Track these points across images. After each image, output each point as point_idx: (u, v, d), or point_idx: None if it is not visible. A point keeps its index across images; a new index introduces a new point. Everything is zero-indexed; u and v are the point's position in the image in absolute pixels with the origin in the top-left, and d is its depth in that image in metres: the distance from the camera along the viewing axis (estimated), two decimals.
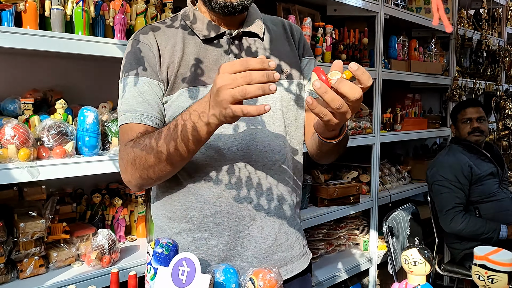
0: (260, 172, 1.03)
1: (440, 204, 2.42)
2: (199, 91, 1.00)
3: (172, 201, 1.06)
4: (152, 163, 0.90)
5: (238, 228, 1.03)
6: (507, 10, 4.07)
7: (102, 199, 1.67)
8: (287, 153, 1.08)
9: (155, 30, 1.04)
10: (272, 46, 1.09)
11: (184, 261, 0.79)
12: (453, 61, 3.37)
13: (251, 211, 1.03)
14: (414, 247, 0.90)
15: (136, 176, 0.95)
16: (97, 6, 1.46)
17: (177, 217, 1.05)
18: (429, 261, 0.88)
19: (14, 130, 1.23)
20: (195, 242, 1.04)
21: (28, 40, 1.24)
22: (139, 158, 0.91)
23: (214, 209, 1.02)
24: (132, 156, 0.92)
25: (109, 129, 1.48)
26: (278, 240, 1.07)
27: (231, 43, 1.04)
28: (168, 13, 1.67)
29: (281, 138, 1.06)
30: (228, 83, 0.75)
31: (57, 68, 1.71)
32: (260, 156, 1.03)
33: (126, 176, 0.98)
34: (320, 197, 2.34)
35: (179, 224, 1.06)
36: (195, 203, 1.03)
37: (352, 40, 2.46)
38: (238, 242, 1.03)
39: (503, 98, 3.68)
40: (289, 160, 1.08)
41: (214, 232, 1.03)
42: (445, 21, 0.39)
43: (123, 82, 1.01)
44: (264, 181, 1.04)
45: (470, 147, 2.54)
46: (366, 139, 2.52)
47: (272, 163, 1.04)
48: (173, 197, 1.05)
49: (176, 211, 1.05)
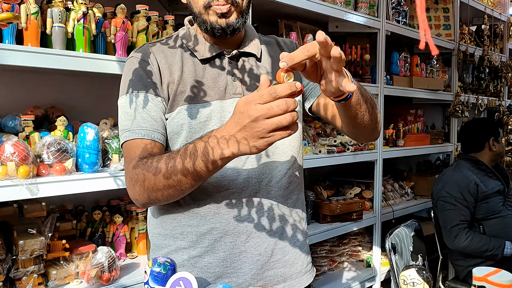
0: (258, 188, 1.03)
1: (445, 221, 2.39)
2: (198, 109, 1.00)
3: (168, 218, 1.05)
4: (161, 186, 0.89)
5: (235, 245, 1.02)
6: (508, 26, 4.09)
7: (102, 216, 1.66)
8: (287, 169, 1.08)
9: (154, 48, 1.06)
10: (268, 65, 1.11)
11: (181, 281, 0.79)
12: (455, 77, 3.37)
13: (247, 228, 1.02)
14: (412, 267, 0.88)
15: (144, 196, 0.94)
16: (99, 24, 1.47)
17: (173, 235, 1.05)
18: (427, 282, 0.86)
19: (14, 147, 1.23)
20: (190, 259, 1.03)
21: (29, 58, 1.25)
22: (149, 180, 0.90)
23: (210, 226, 1.01)
24: (141, 177, 0.91)
25: (109, 145, 1.48)
26: (274, 256, 1.05)
27: (229, 62, 1.06)
28: (170, 30, 1.68)
29: (281, 154, 1.06)
30: (264, 113, 0.74)
31: (58, 85, 1.72)
32: (259, 173, 1.03)
33: (134, 195, 0.97)
34: (322, 213, 2.32)
35: (175, 241, 1.05)
36: (191, 219, 1.02)
37: (354, 56, 2.47)
38: (235, 259, 1.02)
39: (506, 113, 3.67)
40: (288, 175, 1.08)
41: (210, 249, 1.02)
42: (431, 45, 0.39)
43: (126, 100, 1.01)
44: (261, 197, 1.03)
45: (478, 163, 2.51)
46: (369, 155, 2.51)
47: (271, 179, 1.04)
48: (169, 214, 1.05)
49: (172, 228, 1.05)
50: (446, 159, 3.75)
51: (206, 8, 0.99)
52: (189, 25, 1.11)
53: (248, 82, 1.06)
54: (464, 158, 2.58)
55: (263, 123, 0.75)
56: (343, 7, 2.32)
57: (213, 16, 0.99)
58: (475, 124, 2.65)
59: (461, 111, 3.27)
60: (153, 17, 1.60)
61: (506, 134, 3.54)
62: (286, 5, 1.98)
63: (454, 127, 3.37)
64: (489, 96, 3.71)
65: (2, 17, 0.64)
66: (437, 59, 3.20)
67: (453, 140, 3.37)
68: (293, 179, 1.10)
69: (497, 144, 2.53)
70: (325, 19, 2.34)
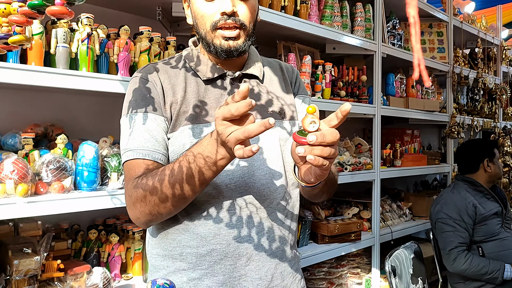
0: (258, 210, 1.02)
1: (444, 243, 2.38)
2: (201, 129, 1.01)
3: (168, 238, 1.04)
4: (164, 198, 0.90)
5: (235, 268, 1.00)
6: (501, 49, 4.18)
7: (98, 235, 1.64)
8: (285, 191, 1.08)
9: (158, 69, 1.07)
10: (269, 87, 1.12)
11: None
12: (450, 99, 3.41)
13: (248, 250, 1.01)
14: None
15: (145, 212, 0.93)
16: (102, 44, 1.49)
17: (172, 255, 1.03)
18: None
19: (13, 165, 1.22)
20: (190, 282, 1.01)
21: (33, 77, 1.26)
22: (151, 194, 0.90)
23: (211, 247, 1.00)
24: (141, 193, 0.92)
25: (108, 164, 1.48)
26: (274, 281, 1.04)
27: (231, 83, 1.07)
28: (171, 50, 1.70)
29: (280, 176, 1.06)
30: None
31: (59, 103, 1.73)
32: (258, 194, 1.02)
33: (135, 213, 0.96)
34: (320, 233, 2.31)
35: (174, 262, 1.03)
36: (191, 240, 1.01)
37: (351, 77, 2.50)
38: (234, 283, 1.01)
39: (501, 135, 3.71)
40: (287, 198, 1.08)
41: (209, 271, 1.00)
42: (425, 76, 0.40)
43: (129, 119, 1.01)
44: (262, 219, 1.03)
45: (475, 185, 2.51)
46: (367, 175, 2.51)
47: (270, 201, 1.04)
48: (168, 234, 1.04)
49: (172, 249, 1.03)
50: (443, 180, 3.76)
51: (213, 30, 1.00)
52: (193, 46, 1.13)
53: None
54: (462, 179, 2.58)
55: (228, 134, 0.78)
56: (340, 29, 2.36)
57: (220, 38, 1.00)
58: (469, 145, 2.67)
59: (457, 132, 3.30)
60: (155, 38, 1.62)
61: (502, 156, 3.57)
62: (285, 27, 2.02)
63: (451, 148, 3.40)
64: (484, 118, 3.75)
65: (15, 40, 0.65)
66: (432, 81, 3.25)
67: (449, 161, 3.39)
68: (291, 201, 1.10)
69: (492, 165, 2.53)
70: (322, 41, 2.38)
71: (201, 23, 1.02)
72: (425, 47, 3.35)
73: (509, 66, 4.40)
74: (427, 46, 3.35)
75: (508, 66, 4.37)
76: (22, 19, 0.66)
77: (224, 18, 0.99)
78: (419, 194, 3.38)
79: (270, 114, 1.08)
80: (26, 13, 0.65)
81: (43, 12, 0.64)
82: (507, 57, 4.35)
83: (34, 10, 0.64)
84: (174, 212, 0.96)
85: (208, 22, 1.01)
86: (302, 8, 2.15)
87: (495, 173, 2.54)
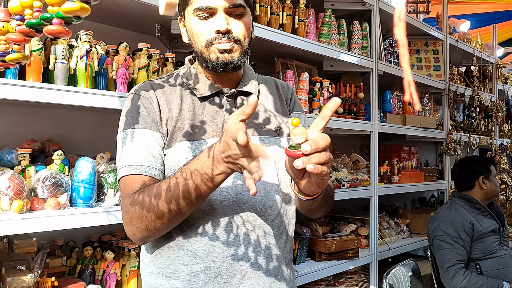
0: (253, 227, 1.02)
1: (441, 260, 2.36)
2: (196, 146, 1.01)
3: (162, 256, 1.03)
4: (160, 213, 0.90)
5: (229, 286, 0.99)
6: (497, 68, 4.22)
7: (93, 252, 1.62)
8: (281, 208, 1.07)
9: (154, 86, 1.08)
10: (265, 104, 1.13)
11: None
12: (446, 116, 3.44)
13: (242, 268, 1.00)
14: None
15: (142, 228, 0.93)
16: (101, 60, 1.50)
17: (166, 273, 1.02)
18: None
19: (9, 181, 1.22)
20: None
21: (31, 93, 1.26)
22: (147, 209, 0.90)
23: (204, 265, 0.99)
24: (138, 210, 0.91)
25: (105, 180, 1.47)
26: None
27: (227, 100, 1.08)
28: (170, 67, 1.72)
29: (275, 193, 1.06)
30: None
31: (57, 118, 1.73)
32: (253, 211, 1.02)
33: (131, 229, 0.96)
34: (318, 250, 2.29)
35: (167, 281, 1.02)
36: (185, 258, 1.00)
37: (349, 94, 2.52)
38: None
39: (498, 152, 3.72)
40: (282, 215, 1.08)
41: None
42: (415, 98, 0.41)
43: (126, 135, 1.02)
44: (257, 236, 1.02)
45: (472, 202, 2.51)
46: (364, 192, 2.51)
47: (265, 218, 1.04)
48: (162, 252, 1.03)
49: (166, 266, 1.02)
50: (440, 197, 3.76)
51: (208, 47, 1.02)
52: (189, 64, 1.14)
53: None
54: (458, 196, 2.58)
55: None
56: (337, 47, 2.39)
57: (215, 53, 1.02)
58: (465, 162, 2.67)
59: (453, 149, 3.31)
60: (154, 54, 1.64)
61: (499, 173, 3.57)
62: (283, 45, 2.04)
63: (448, 164, 3.40)
64: (481, 135, 3.77)
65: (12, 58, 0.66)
66: (429, 98, 3.28)
67: (447, 178, 3.39)
68: (286, 218, 1.09)
69: (488, 182, 2.53)
70: (320, 58, 2.40)
71: (196, 41, 1.04)
72: (422, 64, 3.39)
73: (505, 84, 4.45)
74: (423, 64, 3.39)
75: (503, 84, 4.42)
76: (20, 38, 0.66)
77: (219, 36, 1.00)
78: (416, 211, 3.37)
79: (266, 132, 1.09)
80: (24, 32, 0.66)
81: (41, 31, 0.64)
82: (503, 75, 4.40)
83: (32, 29, 0.65)
84: (171, 226, 0.96)
85: (203, 39, 1.02)
86: (300, 26, 2.18)
87: (491, 190, 2.54)
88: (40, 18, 0.63)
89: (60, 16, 0.59)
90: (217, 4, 1.00)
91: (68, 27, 0.61)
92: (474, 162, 2.63)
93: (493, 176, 2.56)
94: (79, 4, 0.55)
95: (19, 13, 0.68)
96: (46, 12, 0.63)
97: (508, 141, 4.14)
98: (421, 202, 3.78)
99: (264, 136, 1.08)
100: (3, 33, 0.70)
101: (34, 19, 0.64)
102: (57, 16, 0.60)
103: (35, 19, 0.64)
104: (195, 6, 1.01)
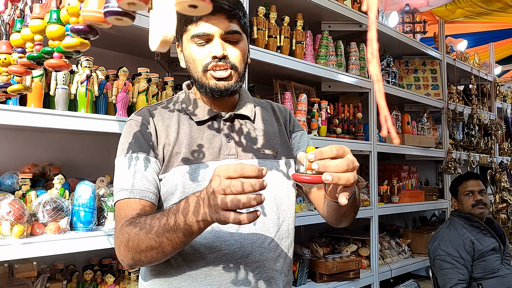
0: (250, 250, 1.02)
1: (443, 280, 2.34)
2: (194, 170, 1.03)
3: (160, 280, 1.04)
4: (144, 248, 0.90)
5: None
6: (495, 86, 4.26)
7: (93, 275, 1.62)
8: (279, 232, 1.08)
9: (152, 111, 1.10)
10: (261, 127, 1.15)
11: None
12: (445, 135, 3.45)
13: None
14: None
15: (128, 257, 0.94)
16: (101, 85, 1.53)
17: None
18: None
19: (9, 206, 1.23)
20: None
21: (33, 118, 1.29)
22: (132, 241, 0.91)
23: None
24: (126, 238, 0.92)
25: (105, 203, 1.48)
26: None
27: (223, 124, 1.10)
28: (169, 90, 1.74)
29: (273, 215, 1.07)
30: (222, 188, 0.76)
31: (57, 142, 1.75)
32: (251, 234, 1.03)
33: (119, 255, 0.97)
34: (319, 272, 2.27)
35: None
36: (183, 281, 1.01)
37: (347, 115, 2.54)
38: None
39: (498, 170, 3.72)
40: (281, 239, 1.08)
41: None
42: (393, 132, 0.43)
43: (122, 160, 1.04)
44: (254, 259, 1.03)
45: (471, 220, 2.50)
46: (364, 212, 2.50)
47: (262, 241, 1.04)
48: (160, 276, 1.03)
49: None
50: (441, 216, 3.73)
51: (205, 72, 1.05)
52: (187, 90, 1.17)
53: (243, 143, 1.10)
54: (457, 215, 2.58)
55: (217, 198, 0.77)
56: (335, 68, 2.42)
57: (212, 79, 1.05)
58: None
59: (453, 168, 3.31)
60: (153, 78, 1.67)
61: (500, 191, 3.56)
62: (281, 67, 2.07)
63: (448, 183, 3.40)
64: (480, 153, 3.77)
65: (14, 89, 0.68)
66: (427, 117, 3.30)
67: (447, 197, 3.38)
68: (284, 241, 1.10)
69: (457, 202, 2.64)
70: (318, 79, 2.43)
71: (193, 67, 1.07)
72: (419, 84, 3.42)
73: (503, 101, 4.48)
74: (421, 83, 3.42)
75: (502, 102, 4.44)
76: (21, 70, 0.69)
77: (215, 61, 1.03)
78: (417, 231, 3.35)
79: (264, 155, 1.10)
80: (25, 64, 0.68)
81: (42, 63, 0.67)
82: (501, 93, 4.43)
83: (33, 62, 0.67)
84: (155, 262, 0.95)
85: (199, 65, 1.05)
86: (298, 48, 2.22)
87: (462, 210, 2.58)
88: (42, 51, 0.66)
89: (61, 50, 0.62)
90: (213, 31, 1.03)
91: (68, 61, 0.64)
92: (453, 182, 2.72)
93: (461, 194, 2.59)
94: (79, 39, 0.57)
95: (21, 46, 0.70)
96: (47, 46, 0.66)
97: (508, 159, 4.14)
98: (422, 221, 3.75)
99: (262, 159, 1.09)
100: (5, 65, 0.72)
101: (36, 52, 0.67)
102: (57, 51, 0.62)
103: (36, 52, 0.67)
104: (192, 33, 1.04)
